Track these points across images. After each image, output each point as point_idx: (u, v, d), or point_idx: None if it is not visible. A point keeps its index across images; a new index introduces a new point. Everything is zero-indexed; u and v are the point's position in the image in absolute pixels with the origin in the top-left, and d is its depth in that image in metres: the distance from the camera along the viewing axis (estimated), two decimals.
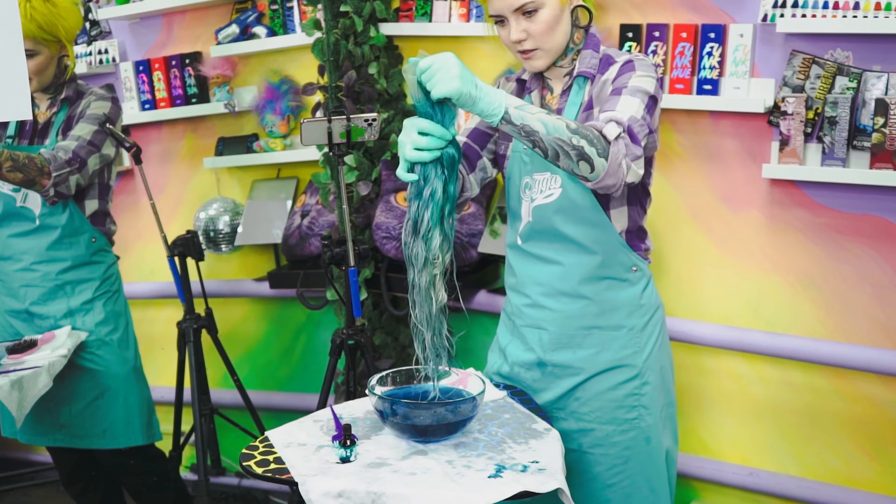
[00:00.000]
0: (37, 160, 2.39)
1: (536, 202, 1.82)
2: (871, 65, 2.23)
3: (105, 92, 2.62)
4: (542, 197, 1.81)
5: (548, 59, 1.80)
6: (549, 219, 1.81)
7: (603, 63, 1.81)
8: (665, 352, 1.92)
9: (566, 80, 1.84)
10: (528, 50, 1.77)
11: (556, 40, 1.77)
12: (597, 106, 1.77)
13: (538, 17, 1.74)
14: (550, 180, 1.80)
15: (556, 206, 1.80)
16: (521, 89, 1.91)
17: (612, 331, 1.84)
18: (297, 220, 3.05)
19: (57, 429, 2.65)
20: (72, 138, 2.51)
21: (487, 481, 1.49)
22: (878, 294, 2.34)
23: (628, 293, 1.84)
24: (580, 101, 1.80)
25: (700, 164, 2.53)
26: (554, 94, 1.86)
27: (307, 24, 2.80)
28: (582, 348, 1.85)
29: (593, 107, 1.78)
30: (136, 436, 2.72)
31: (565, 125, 1.58)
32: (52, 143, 2.54)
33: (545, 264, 1.84)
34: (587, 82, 1.80)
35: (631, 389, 1.84)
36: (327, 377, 2.62)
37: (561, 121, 1.58)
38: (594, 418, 1.84)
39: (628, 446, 1.84)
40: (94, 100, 2.57)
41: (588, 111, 1.79)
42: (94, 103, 2.57)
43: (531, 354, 1.91)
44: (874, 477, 2.43)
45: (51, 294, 2.61)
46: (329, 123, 2.35)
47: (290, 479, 1.54)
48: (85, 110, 2.56)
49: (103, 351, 2.64)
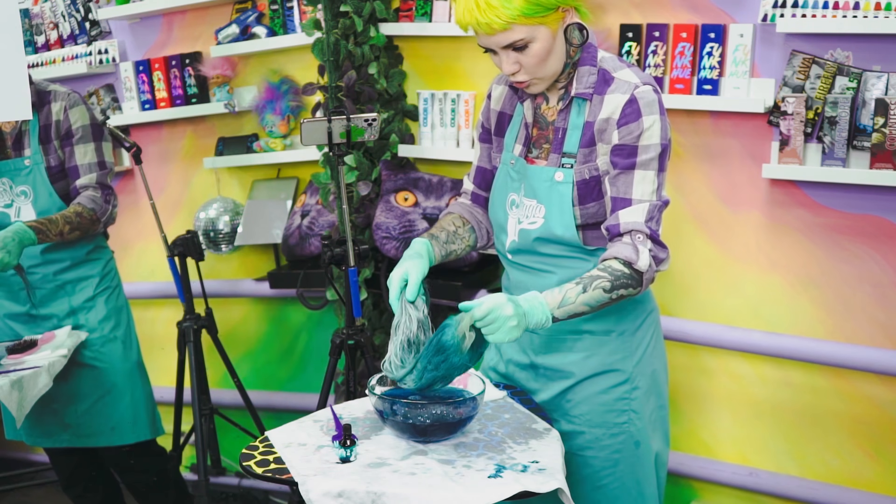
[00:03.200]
0: (84, 214, 2.52)
1: (522, 225, 1.82)
2: (871, 65, 2.23)
3: (67, 91, 2.59)
4: (527, 222, 1.81)
5: (544, 84, 1.75)
6: (532, 243, 1.82)
7: (600, 81, 1.74)
8: (658, 355, 1.90)
9: (562, 93, 1.79)
10: (523, 81, 1.73)
11: (550, 68, 1.71)
12: (601, 142, 1.72)
13: (530, 51, 1.67)
14: (536, 209, 1.80)
15: (538, 234, 1.80)
16: (514, 95, 1.88)
17: (602, 335, 1.82)
18: (297, 220, 3.05)
19: (63, 429, 2.65)
20: (84, 170, 2.55)
21: (487, 481, 1.49)
22: (878, 294, 2.34)
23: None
24: (581, 123, 1.75)
25: (700, 165, 2.53)
26: (550, 105, 1.82)
27: (307, 24, 2.80)
28: (572, 352, 1.84)
29: (596, 142, 1.73)
30: (143, 431, 2.75)
31: (602, 290, 1.65)
32: (35, 153, 2.53)
33: (536, 274, 1.84)
34: (586, 102, 1.75)
35: (620, 394, 1.83)
36: (327, 377, 2.62)
37: (597, 288, 1.65)
38: (584, 421, 1.84)
39: (618, 450, 1.83)
40: (67, 107, 2.55)
41: (590, 147, 1.74)
42: (73, 115, 2.55)
43: (523, 356, 1.91)
44: (874, 477, 2.43)
45: (51, 295, 2.61)
46: (329, 123, 2.35)
47: (290, 479, 1.54)
48: (69, 127, 2.55)
49: (108, 348, 2.65)
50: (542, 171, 1.77)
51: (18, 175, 2.55)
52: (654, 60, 2.48)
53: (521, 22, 1.62)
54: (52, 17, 3.54)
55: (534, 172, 1.78)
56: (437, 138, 2.85)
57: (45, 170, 2.55)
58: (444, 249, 1.87)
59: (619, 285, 1.66)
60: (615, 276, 1.66)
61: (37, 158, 2.54)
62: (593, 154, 1.74)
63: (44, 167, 2.55)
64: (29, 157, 2.54)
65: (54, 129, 2.55)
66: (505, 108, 1.89)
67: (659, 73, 2.48)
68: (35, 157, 2.53)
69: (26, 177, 2.55)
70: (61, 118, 2.54)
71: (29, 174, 2.54)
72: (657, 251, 1.70)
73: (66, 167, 2.58)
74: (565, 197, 1.75)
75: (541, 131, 1.82)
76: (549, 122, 1.81)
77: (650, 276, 1.70)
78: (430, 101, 2.83)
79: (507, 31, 1.63)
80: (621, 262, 1.67)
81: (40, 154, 2.54)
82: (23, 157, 2.54)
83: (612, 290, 1.66)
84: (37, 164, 2.54)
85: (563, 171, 1.75)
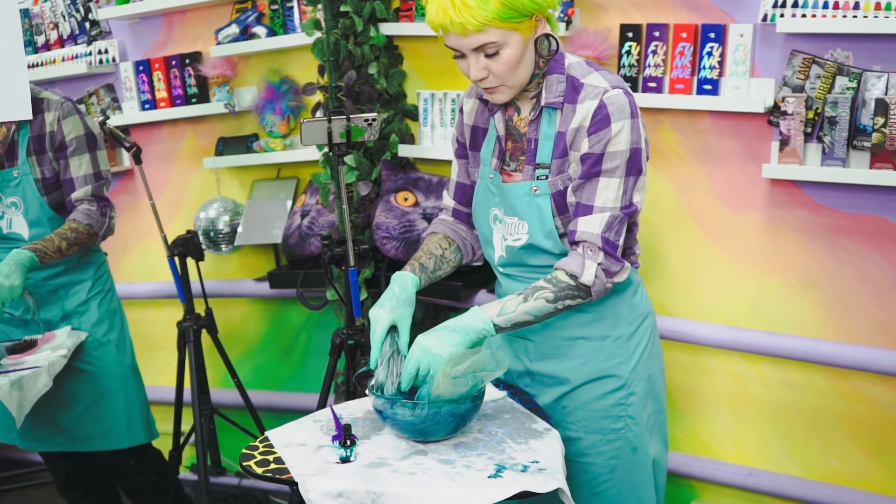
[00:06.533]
0: (81, 230, 2.50)
1: (508, 242, 1.82)
2: (871, 65, 2.23)
3: (60, 100, 2.54)
4: (511, 238, 1.81)
5: (511, 93, 1.72)
6: (520, 256, 1.82)
7: (569, 89, 1.71)
8: (655, 359, 1.89)
9: (533, 102, 1.76)
10: (491, 87, 1.70)
11: (520, 77, 1.69)
12: (573, 150, 1.71)
13: (501, 57, 1.64)
14: (518, 225, 1.80)
15: (524, 248, 1.80)
16: (485, 108, 1.86)
17: (597, 341, 1.81)
18: (297, 220, 3.05)
19: (57, 433, 2.63)
20: (79, 183, 2.52)
21: (487, 481, 1.49)
22: (878, 294, 2.34)
23: (614, 303, 1.81)
24: (552, 133, 1.73)
25: (700, 164, 2.53)
26: (521, 117, 1.79)
27: (307, 24, 2.80)
28: (567, 358, 1.83)
29: (569, 150, 1.71)
30: (138, 434, 2.72)
31: (545, 300, 1.68)
32: (24, 163, 2.50)
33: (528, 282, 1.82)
34: (556, 111, 1.73)
35: (617, 400, 1.81)
36: (327, 377, 2.62)
37: (540, 299, 1.68)
38: (580, 427, 1.83)
39: (615, 456, 1.82)
40: (60, 118, 2.50)
41: (563, 158, 1.72)
42: (66, 126, 2.51)
43: (519, 363, 1.90)
44: (874, 477, 2.43)
45: (45, 300, 2.60)
46: (329, 123, 2.35)
47: (290, 479, 1.54)
48: (62, 138, 2.50)
49: (101, 352, 2.63)
50: (518, 188, 1.77)
51: (7, 186, 2.51)
52: (654, 60, 2.48)
53: (496, 25, 1.60)
54: (52, 17, 3.54)
55: (510, 190, 1.78)
56: (436, 138, 2.85)
57: (38, 181, 2.51)
58: (431, 278, 1.89)
59: (563, 296, 1.69)
60: (559, 287, 1.68)
61: (25, 169, 2.50)
62: (566, 164, 1.73)
63: (33, 178, 2.51)
64: (17, 168, 2.50)
65: (48, 140, 2.50)
66: (478, 121, 1.87)
67: (659, 73, 2.48)
68: (23, 168, 2.49)
69: (15, 188, 2.52)
70: (55, 129, 2.49)
71: (18, 185, 2.51)
72: (609, 264, 1.70)
73: (60, 179, 2.54)
74: (544, 210, 1.75)
75: (515, 143, 1.80)
76: (522, 134, 1.79)
77: (600, 289, 1.70)
78: (429, 101, 2.83)
79: (480, 32, 1.61)
80: (567, 275, 1.69)
81: (29, 165, 2.50)
82: (12, 169, 2.51)
83: (557, 300, 1.68)
84: (26, 175, 2.50)
85: (538, 184, 1.74)
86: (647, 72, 2.49)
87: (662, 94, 2.48)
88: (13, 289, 2.33)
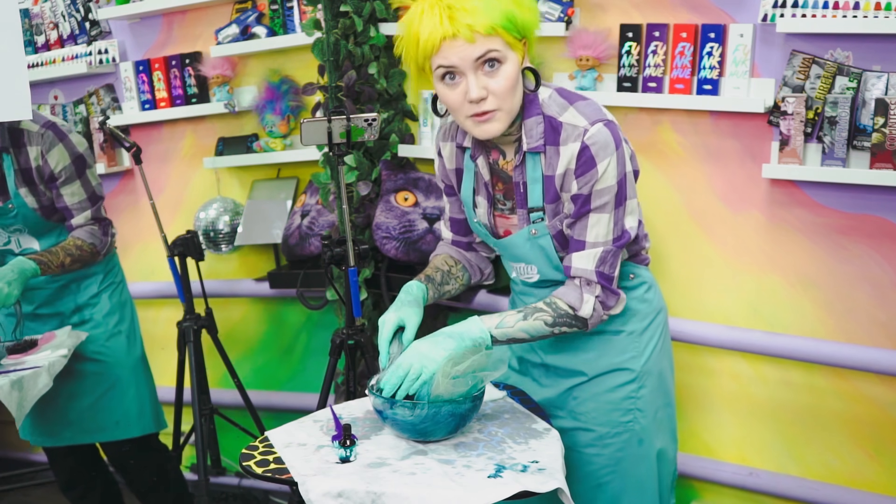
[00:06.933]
0: (85, 248, 2.54)
1: (521, 277, 1.89)
2: (871, 65, 2.23)
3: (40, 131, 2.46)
4: (524, 276, 1.88)
5: (506, 122, 1.66)
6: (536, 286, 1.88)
7: (548, 129, 1.68)
8: (665, 355, 1.93)
9: (516, 145, 1.74)
10: (487, 111, 1.62)
11: (515, 102, 1.65)
12: (564, 192, 1.71)
13: (501, 71, 1.60)
14: (527, 268, 1.86)
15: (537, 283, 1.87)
16: (462, 155, 1.84)
17: (611, 335, 1.85)
18: (297, 220, 3.05)
19: (65, 427, 2.65)
20: (76, 209, 2.54)
21: (487, 481, 1.49)
22: (878, 294, 2.34)
23: (629, 299, 1.85)
24: (538, 176, 1.72)
25: (700, 164, 2.53)
26: (507, 160, 1.78)
27: (307, 24, 2.80)
28: (582, 351, 1.86)
29: (560, 193, 1.71)
30: (148, 424, 2.77)
31: (543, 322, 1.71)
32: (16, 198, 2.49)
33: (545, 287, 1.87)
34: (539, 155, 1.72)
35: (627, 393, 1.84)
36: (327, 377, 2.62)
37: (538, 320, 1.71)
38: (590, 419, 1.85)
39: (621, 448, 1.85)
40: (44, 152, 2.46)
41: (556, 202, 1.73)
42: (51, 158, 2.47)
43: (535, 355, 1.93)
44: (874, 477, 2.43)
45: (56, 294, 2.64)
46: (329, 123, 2.35)
47: (290, 479, 1.55)
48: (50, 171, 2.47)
49: (112, 342, 2.67)
50: (517, 237, 1.80)
51: (6, 218, 2.52)
52: (654, 60, 2.48)
53: (500, 33, 1.59)
54: (52, 17, 3.54)
55: (509, 243, 1.83)
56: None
57: (37, 210, 2.53)
58: (439, 291, 1.91)
59: (560, 322, 1.72)
60: (558, 313, 1.72)
61: (20, 201, 2.50)
62: (560, 206, 1.75)
63: (30, 208, 2.52)
64: (11, 202, 2.49)
65: (36, 174, 2.49)
66: (458, 164, 1.89)
67: (659, 73, 2.48)
68: (17, 201, 2.49)
69: (14, 219, 2.53)
70: (41, 163, 2.48)
71: (16, 216, 2.52)
72: (605, 297, 1.74)
73: (56, 206, 2.55)
74: (548, 249, 1.78)
75: (506, 185, 1.82)
76: (510, 177, 1.79)
77: (596, 321, 1.75)
78: (430, 102, 2.83)
79: (490, 36, 1.58)
80: (566, 304, 1.72)
81: (21, 197, 2.50)
82: (6, 203, 2.50)
83: (554, 325, 1.72)
84: (21, 206, 2.50)
85: (536, 227, 1.77)
86: (647, 72, 2.49)
87: (662, 94, 2.48)
88: (10, 296, 2.36)
